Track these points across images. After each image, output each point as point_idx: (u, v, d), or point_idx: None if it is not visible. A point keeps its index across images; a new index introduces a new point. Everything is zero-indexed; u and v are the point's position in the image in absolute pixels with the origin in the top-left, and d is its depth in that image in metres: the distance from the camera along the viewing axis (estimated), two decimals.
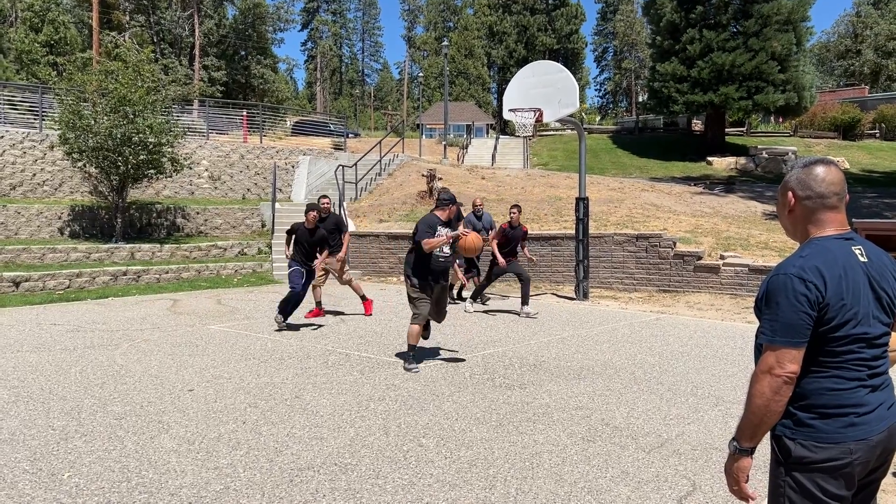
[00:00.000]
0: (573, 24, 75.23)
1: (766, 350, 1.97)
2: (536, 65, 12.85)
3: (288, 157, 21.65)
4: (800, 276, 1.94)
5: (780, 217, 2.19)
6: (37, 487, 3.79)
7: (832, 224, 2.06)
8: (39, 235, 15.12)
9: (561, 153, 34.11)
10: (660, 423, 5.03)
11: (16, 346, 7.76)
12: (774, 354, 1.94)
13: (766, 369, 1.95)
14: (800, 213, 2.10)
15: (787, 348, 1.93)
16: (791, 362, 1.93)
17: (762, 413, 1.96)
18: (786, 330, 1.93)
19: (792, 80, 30.30)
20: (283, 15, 71.89)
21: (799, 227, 2.12)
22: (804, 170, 2.10)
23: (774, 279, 1.99)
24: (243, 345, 7.93)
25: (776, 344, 1.94)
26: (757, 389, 1.96)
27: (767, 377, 1.94)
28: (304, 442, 4.58)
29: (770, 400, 1.94)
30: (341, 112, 78.75)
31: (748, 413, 1.99)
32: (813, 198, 2.07)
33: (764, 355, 1.97)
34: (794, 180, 2.11)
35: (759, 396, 1.95)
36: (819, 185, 2.06)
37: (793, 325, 1.93)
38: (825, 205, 2.06)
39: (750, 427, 1.99)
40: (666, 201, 19.28)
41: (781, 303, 1.94)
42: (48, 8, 44.05)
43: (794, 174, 2.12)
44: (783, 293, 1.95)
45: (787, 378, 1.93)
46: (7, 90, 22.55)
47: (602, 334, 8.81)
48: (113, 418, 5.06)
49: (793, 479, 1.98)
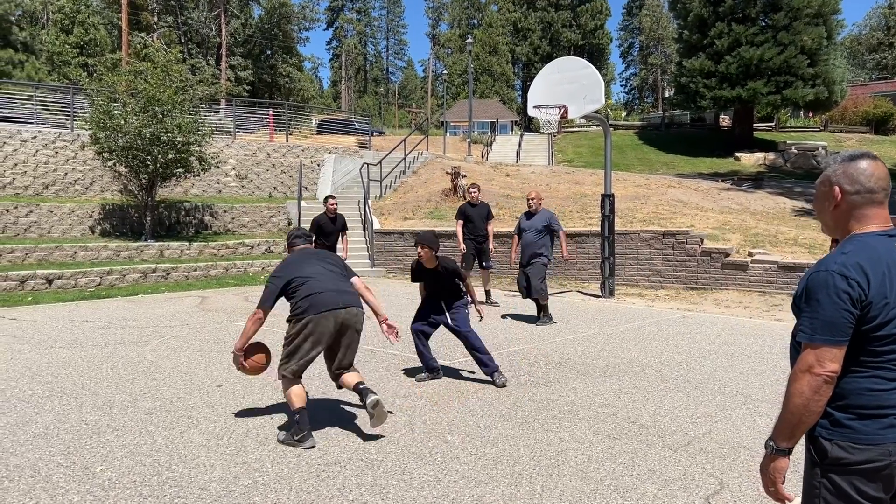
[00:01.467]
0: (598, 19, 74.64)
1: (805, 348, 1.92)
2: (561, 61, 12.79)
3: (313, 156, 21.80)
4: (842, 272, 1.89)
5: (821, 213, 2.12)
6: (71, 480, 3.88)
7: (876, 220, 2.01)
8: (71, 234, 15.40)
9: (586, 150, 33.91)
10: (687, 422, 5.00)
11: (49, 342, 7.92)
12: (814, 353, 1.90)
13: (806, 368, 1.90)
14: (846, 208, 2.03)
15: (828, 347, 1.88)
16: (831, 361, 1.88)
17: (801, 413, 1.91)
18: (826, 328, 1.88)
19: (822, 74, 29.80)
20: (309, 14, 72.39)
21: (842, 223, 2.06)
22: (850, 164, 2.04)
23: (815, 276, 1.94)
24: (270, 341, 7.98)
25: (816, 342, 1.89)
26: (796, 388, 1.92)
27: (807, 376, 1.90)
28: (330, 437, 4.62)
29: (809, 399, 1.90)
30: (366, 110, 79.05)
31: (786, 412, 1.95)
32: (862, 192, 2.01)
33: (803, 353, 1.92)
34: (841, 174, 2.04)
35: (798, 396, 1.91)
36: (868, 179, 2.00)
37: (834, 323, 1.88)
38: (873, 200, 2.00)
39: (788, 427, 1.95)
40: (693, 198, 19.09)
41: (822, 300, 1.90)
42: (78, 10, 44.76)
43: (838, 168, 2.05)
44: (824, 290, 1.90)
45: (828, 377, 1.88)
46: (39, 91, 22.99)
47: (628, 332, 8.76)
48: (143, 413, 5.15)
49: (829, 480, 1.94)
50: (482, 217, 11.14)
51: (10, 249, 13.02)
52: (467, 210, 11.16)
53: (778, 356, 7.23)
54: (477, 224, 11.09)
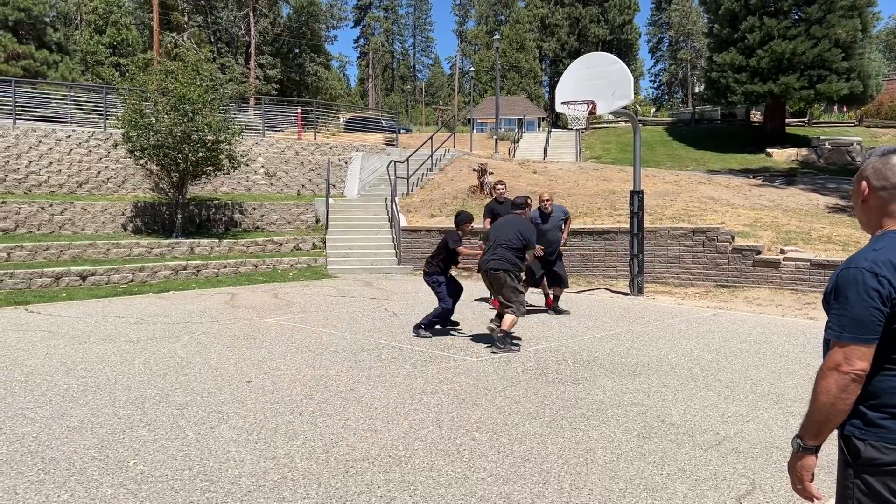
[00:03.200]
0: (626, 14, 73.83)
1: (833, 346, 1.89)
2: (589, 57, 12.69)
3: (341, 154, 21.91)
4: (872, 270, 1.86)
5: (855, 207, 2.10)
6: (104, 473, 3.94)
7: None
8: (104, 231, 15.67)
9: (614, 146, 33.64)
10: (717, 421, 4.93)
11: (83, 337, 8.06)
12: (842, 351, 1.86)
13: (834, 366, 1.87)
14: (874, 203, 2.01)
15: (856, 345, 1.85)
16: (860, 359, 1.85)
17: (828, 411, 1.89)
18: (855, 326, 1.85)
19: (857, 68, 29.19)
20: (336, 13, 72.79)
21: (873, 219, 2.03)
22: (881, 159, 2.01)
23: (845, 272, 1.91)
24: (299, 338, 8.07)
25: (844, 340, 1.86)
26: (823, 386, 1.89)
27: (834, 374, 1.87)
28: (358, 434, 4.64)
29: (836, 398, 1.87)
30: (393, 108, 79.26)
31: (813, 410, 1.92)
32: (888, 188, 1.98)
33: (831, 351, 1.89)
34: (871, 169, 2.02)
35: (825, 394, 1.88)
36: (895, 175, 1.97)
37: (863, 320, 1.85)
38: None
39: (815, 425, 1.92)
40: (724, 194, 18.83)
41: (851, 297, 1.87)
42: (111, 10, 45.53)
43: (871, 163, 2.03)
44: (853, 287, 1.87)
45: (855, 375, 1.85)
46: (73, 91, 23.42)
47: (657, 330, 8.67)
48: (175, 408, 5.22)
49: (862, 481, 1.90)
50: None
51: (45, 247, 13.29)
52: (495, 208, 11.12)
53: (811, 355, 7.10)
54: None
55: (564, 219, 10.38)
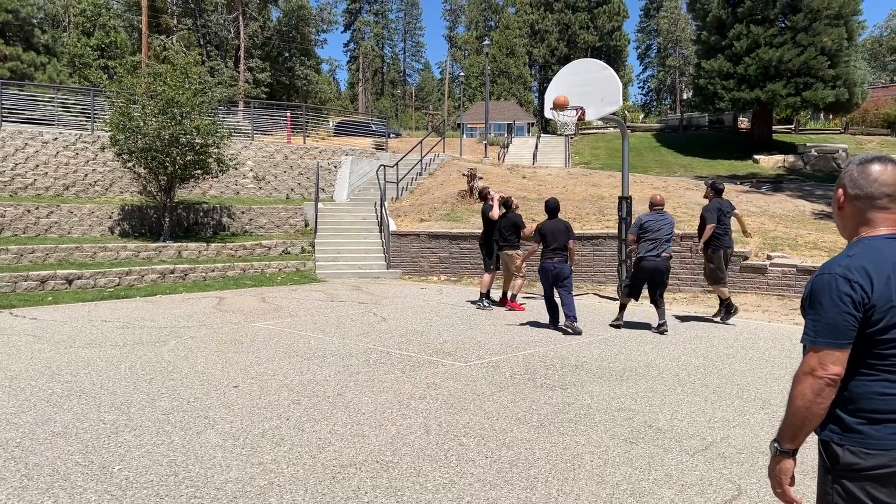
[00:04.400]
0: (615, 21, 74.42)
1: (808, 351, 1.93)
2: (578, 63, 12.75)
3: (330, 158, 21.88)
4: (845, 275, 1.90)
5: (834, 215, 2.13)
6: (89, 479, 3.91)
7: (885, 224, 1.99)
8: (91, 234, 15.56)
9: (603, 151, 33.78)
10: (704, 426, 4.95)
11: (69, 341, 8.00)
12: (817, 356, 1.90)
13: (808, 371, 1.91)
14: (849, 211, 2.04)
15: (830, 349, 1.89)
16: (834, 364, 1.88)
17: (803, 415, 1.92)
18: (828, 330, 1.89)
19: (842, 76, 29.49)
20: (326, 16, 72.62)
21: (849, 226, 2.06)
22: (858, 167, 2.04)
23: (819, 278, 1.95)
24: (287, 342, 8.04)
25: (818, 345, 1.90)
26: (798, 391, 1.92)
27: (809, 378, 1.90)
28: (346, 439, 4.63)
29: (811, 402, 1.90)
30: (383, 112, 79.28)
31: (789, 414, 1.95)
32: (862, 197, 2.01)
33: (806, 356, 1.93)
34: (847, 178, 2.05)
35: (801, 398, 1.91)
36: (870, 184, 1.99)
37: (836, 325, 1.88)
38: (874, 205, 1.99)
39: (791, 428, 1.95)
40: None
41: (825, 303, 1.90)
42: (99, 13, 45.29)
43: (848, 171, 2.06)
44: (827, 293, 1.91)
45: (830, 380, 1.88)
46: (60, 93, 23.27)
47: (645, 335, 8.70)
48: (161, 413, 5.18)
49: (841, 486, 1.92)
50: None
51: (31, 250, 13.18)
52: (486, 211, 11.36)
53: (797, 361, 7.11)
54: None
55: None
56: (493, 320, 9.71)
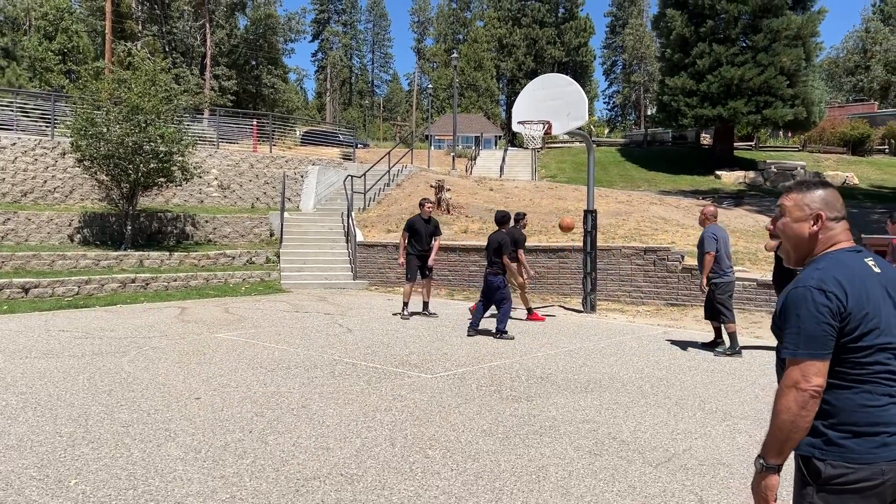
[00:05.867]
0: (582, 37, 75.44)
1: (789, 364, 1.94)
2: (545, 77, 12.89)
3: (297, 167, 21.74)
4: (819, 287, 1.93)
5: (794, 237, 2.13)
6: (44, 494, 3.80)
7: (845, 239, 2.09)
8: (49, 242, 15.21)
9: (569, 165, 34.13)
10: (667, 438, 5.01)
11: (24, 352, 7.79)
12: (799, 368, 1.91)
13: (792, 384, 1.91)
14: (825, 234, 2.09)
15: (812, 361, 1.90)
16: (816, 375, 1.90)
17: (789, 429, 1.92)
18: (809, 342, 1.91)
19: (801, 95, 30.30)
20: (295, 26, 72.30)
21: (817, 247, 2.10)
22: (828, 191, 2.11)
23: (794, 292, 1.98)
24: (250, 353, 7.94)
25: (800, 357, 1.91)
26: (783, 405, 1.93)
27: (793, 392, 1.91)
28: (310, 452, 4.58)
29: (797, 415, 1.90)
30: (351, 122, 79.07)
31: (774, 429, 1.95)
32: (838, 218, 2.09)
33: (788, 370, 1.94)
34: (820, 201, 2.09)
35: (786, 412, 1.92)
36: (840, 204, 2.10)
37: (815, 336, 1.91)
38: (840, 224, 2.09)
39: (777, 443, 1.95)
40: (674, 215, 19.25)
41: (802, 315, 1.93)
42: (62, 17, 44.48)
43: (817, 195, 2.10)
44: (803, 305, 1.93)
45: (814, 392, 1.90)
46: (20, 97, 22.77)
47: (609, 347, 8.78)
48: (120, 426, 5.07)
49: (823, 500, 1.93)
50: (430, 232, 11.32)
51: None
52: (416, 223, 11.31)
53: (757, 373, 7.28)
54: (424, 238, 11.26)
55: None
56: (459, 333, 9.71)
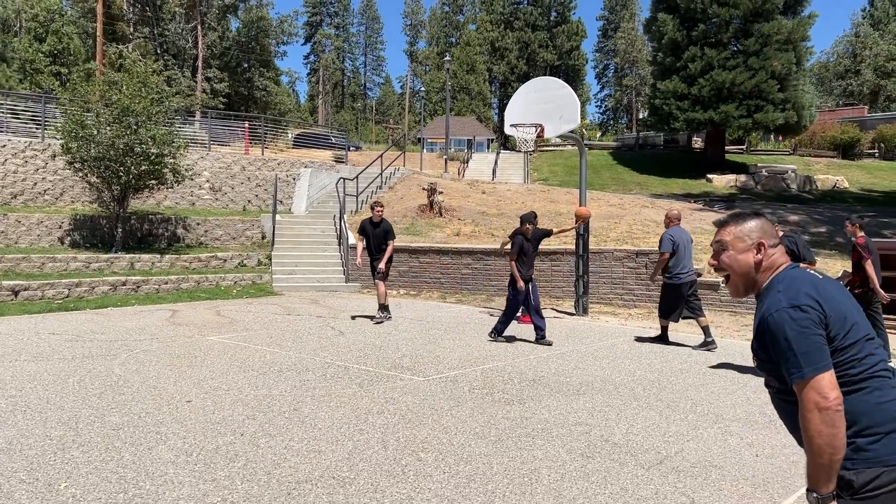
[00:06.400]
0: (574, 40, 75.72)
1: (801, 388, 1.91)
2: (538, 81, 12.92)
3: (289, 170, 21.71)
4: (794, 304, 1.96)
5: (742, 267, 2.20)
6: (33, 498, 3.78)
7: (784, 260, 2.18)
8: (39, 244, 15.13)
9: (561, 168, 34.21)
10: (659, 440, 5.02)
11: (14, 355, 7.74)
12: (811, 388, 1.88)
13: (813, 406, 1.88)
14: (767, 260, 2.17)
15: (820, 374, 1.88)
16: (830, 389, 1.87)
17: (828, 451, 1.87)
18: (808, 359, 1.90)
19: (792, 99, 30.47)
20: (287, 28, 72.30)
21: (762, 273, 2.18)
22: (762, 220, 2.23)
23: (771, 320, 1.99)
24: (242, 356, 7.92)
25: (807, 376, 1.89)
26: (813, 430, 1.87)
27: (816, 414, 1.87)
28: (302, 455, 4.56)
29: (830, 435, 1.85)
30: (343, 125, 79.04)
31: (815, 457, 1.89)
32: (775, 244, 2.19)
33: (802, 394, 1.91)
34: (758, 230, 2.19)
35: (819, 436, 1.86)
36: (774, 230, 2.22)
37: (811, 351, 1.90)
38: (780, 248, 2.19)
39: (823, 470, 1.89)
40: None
41: (790, 336, 1.93)
42: (52, 18, 44.31)
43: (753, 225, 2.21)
44: (787, 327, 1.94)
45: (836, 406, 1.86)
46: (10, 99, 22.66)
47: (601, 350, 8.80)
48: (111, 429, 5.04)
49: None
50: (378, 236, 10.92)
51: None
52: (366, 227, 10.97)
53: (748, 376, 7.30)
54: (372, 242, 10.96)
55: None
56: (452, 335, 9.71)
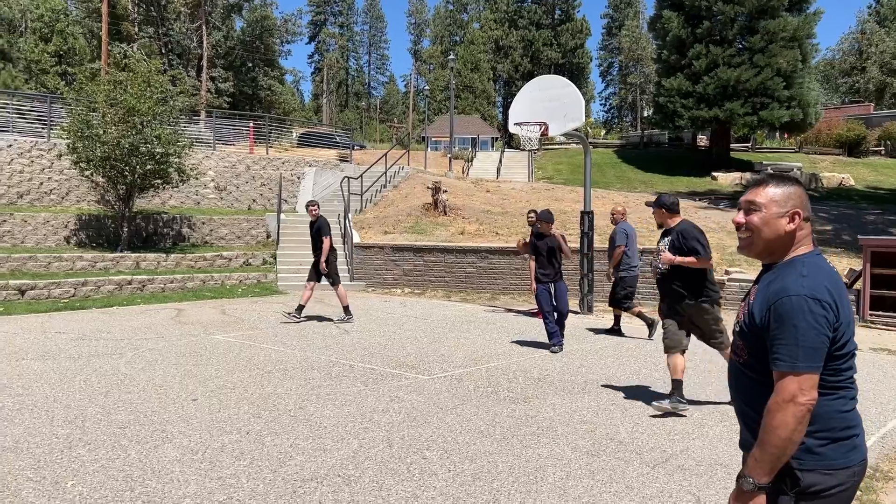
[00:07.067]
0: (578, 38, 75.57)
1: (785, 377, 1.85)
2: (542, 79, 12.90)
3: (294, 169, 21.73)
4: (814, 297, 1.85)
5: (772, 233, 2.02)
6: (40, 496, 3.79)
7: (810, 241, 2.04)
8: (46, 244, 15.18)
9: (566, 167, 34.15)
10: (664, 439, 5.01)
11: (20, 353, 7.77)
12: (797, 381, 1.82)
13: (789, 398, 1.82)
14: (801, 232, 2.02)
15: (811, 374, 1.83)
16: (813, 389, 1.83)
17: (784, 445, 1.83)
18: (808, 355, 1.83)
19: (797, 97, 30.33)
20: (291, 27, 72.20)
21: (790, 247, 2.02)
22: (801, 188, 2.04)
23: (787, 301, 1.87)
24: (247, 355, 7.93)
25: (800, 370, 1.83)
26: (779, 421, 1.83)
27: (791, 406, 1.82)
28: (307, 453, 4.57)
29: (793, 431, 1.82)
30: (347, 124, 79.07)
31: (769, 446, 1.85)
32: (809, 218, 2.03)
33: (783, 382, 1.85)
34: (797, 198, 2.02)
35: (783, 428, 1.82)
36: (809, 203, 2.04)
37: (815, 349, 1.83)
38: (809, 225, 2.04)
39: (770, 461, 1.86)
40: None
41: (801, 326, 1.84)
42: (57, 18, 44.43)
43: (796, 192, 2.03)
44: (801, 316, 1.84)
45: (811, 406, 1.83)
46: (15, 99, 22.72)
47: (607, 348, 8.79)
48: (117, 427, 5.06)
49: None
50: (314, 236, 10.61)
51: None
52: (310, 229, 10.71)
53: None
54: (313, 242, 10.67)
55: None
56: (456, 334, 9.71)
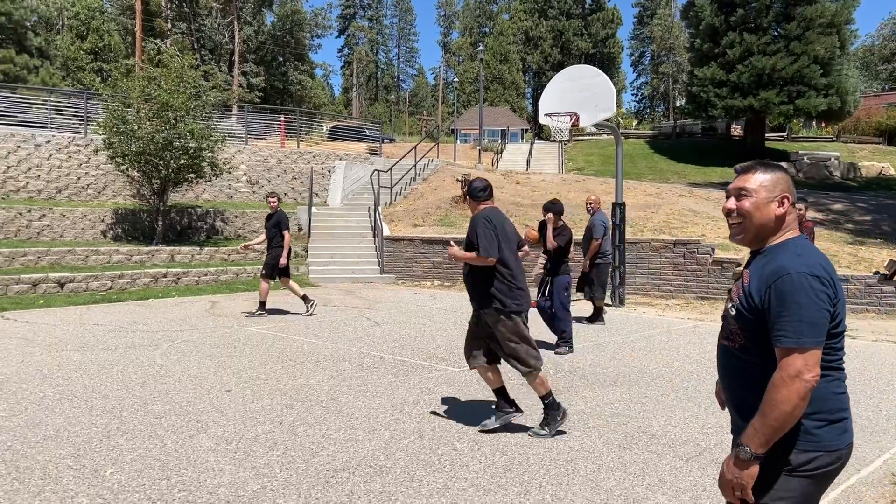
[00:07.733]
0: (609, 28, 74.77)
1: (790, 353, 1.87)
2: (573, 69, 12.79)
3: (324, 162, 21.87)
4: (814, 273, 1.90)
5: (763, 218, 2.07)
6: (80, 483, 3.88)
7: (796, 225, 2.11)
8: (83, 238, 15.49)
9: (597, 158, 33.85)
10: (698, 432, 4.96)
11: (60, 345, 7.95)
12: (802, 357, 1.85)
13: (795, 374, 1.85)
14: (789, 217, 2.09)
15: (815, 349, 1.86)
16: (817, 365, 1.86)
17: (785, 419, 1.87)
18: (812, 330, 1.86)
19: (835, 85, 29.64)
20: (321, 21, 72.64)
21: (779, 231, 2.08)
22: (784, 173, 2.11)
23: (788, 279, 1.90)
24: (280, 346, 8.02)
25: (805, 346, 1.86)
26: (784, 396, 1.85)
27: (796, 382, 1.85)
28: (339, 444, 4.61)
29: (796, 406, 1.85)
30: (377, 117, 79.25)
31: (769, 419, 1.88)
32: (795, 202, 2.11)
33: (789, 359, 1.87)
34: (785, 183, 2.09)
35: (786, 402, 1.85)
36: (794, 188, 2.11)
37: (818, 324, 1.87)
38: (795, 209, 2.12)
39: (769, 433, 1.89)
40: (704, 207, 19.00)
41: (803, 302, 1.87)
42: (93, 16, 45.20)
43: (783, 178, 2.09)
44: (803, 292, 1.88)
45: (815, 382, 1.86)
46: (53, 96, 23.18)
47: (638, 341, 8.71)
48: (153, 417, 5.16)
49: (786, 484, 1.94)
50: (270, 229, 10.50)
51: (22, 253, 13.11)
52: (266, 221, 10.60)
53: None
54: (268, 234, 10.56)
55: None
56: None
